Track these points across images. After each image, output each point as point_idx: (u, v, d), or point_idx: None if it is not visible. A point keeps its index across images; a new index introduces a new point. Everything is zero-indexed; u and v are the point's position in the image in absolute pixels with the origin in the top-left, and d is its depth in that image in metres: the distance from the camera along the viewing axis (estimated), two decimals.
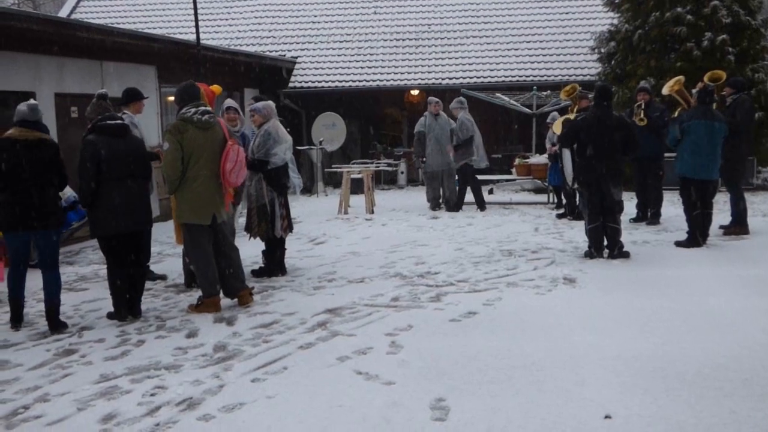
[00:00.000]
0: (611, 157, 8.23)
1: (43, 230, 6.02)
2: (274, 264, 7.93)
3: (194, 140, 6.34)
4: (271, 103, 7.94)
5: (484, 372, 4.83)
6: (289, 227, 7.98)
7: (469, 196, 12.83)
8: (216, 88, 8.26)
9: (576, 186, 8.58)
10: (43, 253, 6.14)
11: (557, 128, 8.75)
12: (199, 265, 6.59)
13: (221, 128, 6.61)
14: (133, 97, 7.84)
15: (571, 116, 10.26)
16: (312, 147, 16.44)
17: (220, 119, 6.88)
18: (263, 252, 7.97)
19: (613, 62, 15.54)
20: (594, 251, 8.33)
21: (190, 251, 6.70)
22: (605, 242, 8.39)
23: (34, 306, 6.83)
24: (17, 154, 5.86)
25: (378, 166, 16.38)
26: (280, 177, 7.71)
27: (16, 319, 6.15)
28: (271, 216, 7.68)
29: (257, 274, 7.86)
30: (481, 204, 12.78)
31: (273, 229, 7.71)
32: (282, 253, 8.05)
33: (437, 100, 13.05)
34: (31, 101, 6.19)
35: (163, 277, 7.94)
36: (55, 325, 6.09)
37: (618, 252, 8.27)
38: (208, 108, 6.58)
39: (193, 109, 6.41)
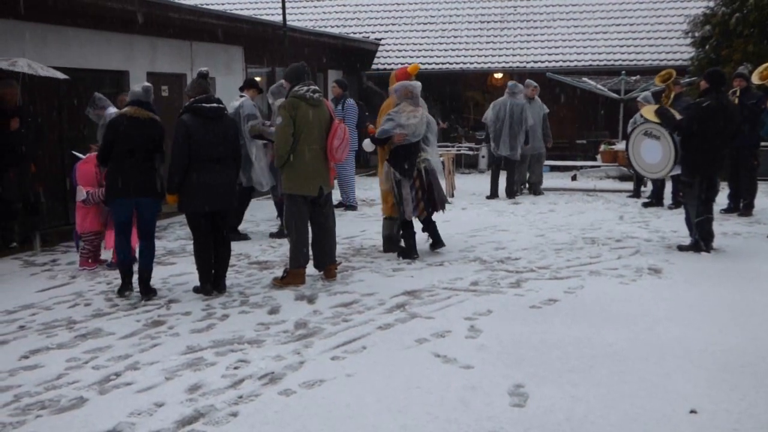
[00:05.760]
0: (727, 146, 7.84)
1: (148, 198, 6.42)
2: (409, 245, 7.81)
3: (306, 116, 6.62)
4: (406, 83, 7.67)
5: (564, 360, 4.77)
6: (427, 209, 7.75)
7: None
8: (413, 67, 8.36)
9: (684, 177, 7.98)
10: (143, 221, 6.52)
11: (648, 114, 8.37)
12: (296, 236, 6.80)
13: (327, 106, 6.90)
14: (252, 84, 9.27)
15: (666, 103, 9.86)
16: None
17: (325, 99, 7.03)
18: (400, 234, 7.96)
19: (707, 47, 14.92)
20: (704, 245, 7.85)
21: (290, 221, 6.88)
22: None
23: None
24: (131, 130, 6.30)
25: (459, 150, 16.27)
26: (399, 160, 7.56)
27: (126, 287, 6.50)
28: (399, 198, 7.62)
29: (401, 253, 7.84)
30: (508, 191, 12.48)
31: (403, 212, 7.62)
32: (433, 230, 7.98)
33: (535, 84, 12.88)
34: (145, 83, 6.69)
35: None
36: (147, 290, 6.46)
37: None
38: (317, 87, 6.82)
39: (305, 88, 6.68)
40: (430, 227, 8.07)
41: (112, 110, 8.44)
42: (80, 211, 7.51)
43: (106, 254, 7.68)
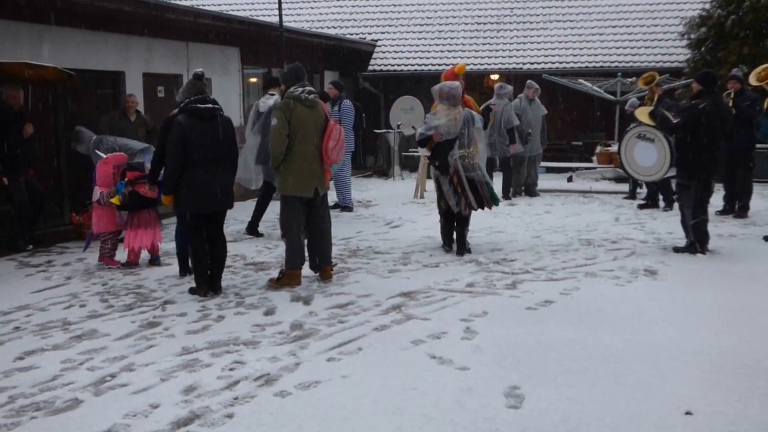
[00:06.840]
0: (721, 147, 7.87)
1: None
2: (445, 238, 8.26)
3: (301, 117, 6.62)
4: (443, 85, 7.93)
5: (560, 362, 4.77)
6: (471, 205, 7.84)
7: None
8: (459, 67, 8.43)
9: (679, 179, 8.01)
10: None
11: (642, 116, 8.35)
12: (291, 237, 6.80)
13: (322, 108, 6.89)
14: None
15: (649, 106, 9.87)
16: (390, 130, 16.46)
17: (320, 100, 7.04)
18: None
19: (703, 49, 14.96)
20: (699, 246, 7.87)
21: (285, 223, 6.89)
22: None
23: (120, 279, 7.11)
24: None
25: None
26: (436, 155, 7.87)
27: (185, 270, 7.11)
28: (440, 192, 7.95)
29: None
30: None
31: (448, 205, 7.89)
32: (460, 232, 8.10)
33: (537, 86, 12.89)
34: None
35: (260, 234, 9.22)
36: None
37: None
38: (312, 88, 6.84)
39: (300, 89, 6.68)
40: (458, 230, 8.12)
41: (93, 137, 8.71)
42: (96, 211, 7.65)
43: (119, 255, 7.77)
